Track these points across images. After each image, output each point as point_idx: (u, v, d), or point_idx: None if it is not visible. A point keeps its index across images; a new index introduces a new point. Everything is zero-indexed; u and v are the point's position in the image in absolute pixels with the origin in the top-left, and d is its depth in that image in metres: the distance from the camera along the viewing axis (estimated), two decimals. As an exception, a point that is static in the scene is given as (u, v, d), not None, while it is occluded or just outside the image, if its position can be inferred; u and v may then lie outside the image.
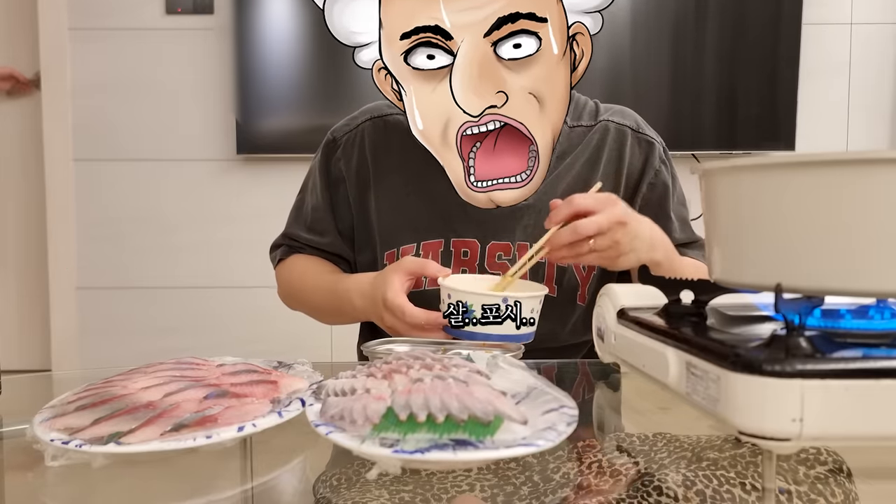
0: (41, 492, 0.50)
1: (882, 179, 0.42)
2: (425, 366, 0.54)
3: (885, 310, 0.49)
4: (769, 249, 0.47)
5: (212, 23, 2.34)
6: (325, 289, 0.96)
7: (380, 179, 0.99)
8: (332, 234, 1.01)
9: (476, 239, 0.95)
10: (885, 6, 2.37)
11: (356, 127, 1.01)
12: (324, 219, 1.01)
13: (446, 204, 0.94)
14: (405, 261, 0.84)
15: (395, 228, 0.97)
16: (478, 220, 0.94)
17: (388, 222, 0.98)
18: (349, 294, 0.91)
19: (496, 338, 0.78)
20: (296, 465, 0.53)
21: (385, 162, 0.99)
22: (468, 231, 0.95)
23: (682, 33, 2.26)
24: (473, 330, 0.79)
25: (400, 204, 0.97)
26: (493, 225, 0.95)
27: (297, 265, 1.03)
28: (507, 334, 0.79)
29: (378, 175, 0.99)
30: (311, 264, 1.02)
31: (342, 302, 0.92)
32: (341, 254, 1.02)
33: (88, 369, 2.24)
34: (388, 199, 0.98)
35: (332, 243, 1.02)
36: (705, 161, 0.54)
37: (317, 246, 1.02)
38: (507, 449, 0.44)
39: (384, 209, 0.98)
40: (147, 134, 2.39)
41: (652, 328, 0.56)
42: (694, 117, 2.30)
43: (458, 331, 0.79)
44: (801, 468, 0.49)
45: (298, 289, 1.02)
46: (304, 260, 1.03)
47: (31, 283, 2.59)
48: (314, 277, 0.99)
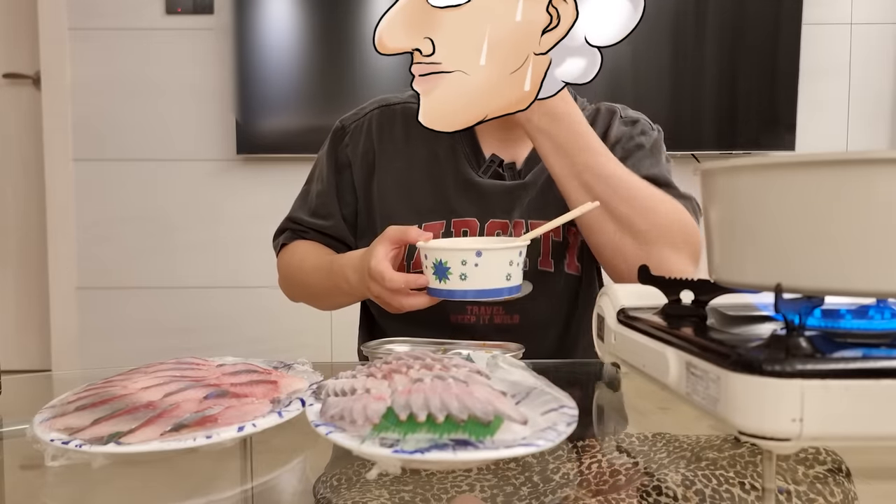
0: (41, 492, 0.50)
1: (882, 179, 0.42)
2: (425, 366, 0.54)
3: (885, 310, 0.49)
4: (769, 249, 0.47)
5: (212, 23, 2.34)
6: (324, 269, 0.97)
7: (384, 164, 1.01)
8: (336, 218, 1.03)
9: (475, 218, 0.97)
10: (885, 6, 2.37)
11: (364, 115, 1.04)
12: (328, 203, 1.03)
13: (448, 186, 0.98)
14: (388, 230, 0.84)
15: (397, 211, 0.99)
16: (478, 198, 0.97)
17: (390, 204, 1.00)
18: (344, 270, 0.92)
19: (474, 293, 0.77)
20: (296, 465, 0.53)
21: (390, 147, 1.01)
22: (468, 211, 0.97)
23: (682, 33, 2.26)
24: (453, 287, 0.77)
25: (403, 187, 1.00)
26: (491, 204, 0.97)
27: (299, 249, 1.04)
28: (487, 288, 0.77)
29: (383, 159, 1.01)
30: (313, 248, 1.04)
31: (338, 279, 0.93)
32: (343, 238, 1.04)
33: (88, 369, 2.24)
34: (391, 182, 1.00)
35: (335, 226, 1.03)
36: (705, 161, 0.54)
37: (320, 230, 1.04)
38: (507, 449, 0.44)
39: (387, 192, 1.00)
40: (147, 134, 2.39)
41: (652, 328, 0.56)
42: (694, 117, 2.30)
43: (438, 291, 0.78)
44: (800, 468, 0.49)
45: (298, 272, 1.03)
46: (306, 244, 1.04)
47: (31, 283, 2.59)
48: (314, 259, 1.01)
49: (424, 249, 0.79)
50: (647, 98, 2.26)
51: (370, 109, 1.04)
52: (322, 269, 0.98)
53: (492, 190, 0.96)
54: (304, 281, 1.02)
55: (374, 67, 2.23)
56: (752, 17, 2.26)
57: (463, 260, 0.75)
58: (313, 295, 1.04)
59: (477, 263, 0.75)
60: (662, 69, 2.27)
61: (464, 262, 0.75)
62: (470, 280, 0.76)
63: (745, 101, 2.30)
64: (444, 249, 0.77)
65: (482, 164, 0.99)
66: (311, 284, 1.01)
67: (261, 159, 2.36)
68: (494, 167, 0.98)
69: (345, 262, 0.92)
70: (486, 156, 0.99)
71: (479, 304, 0.97)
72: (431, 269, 0.77)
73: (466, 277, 0.76)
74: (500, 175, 0.98)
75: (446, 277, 0.76)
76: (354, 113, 1.05)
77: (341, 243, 1.04)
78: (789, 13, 2.26)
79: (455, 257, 0.76)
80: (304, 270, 1.01)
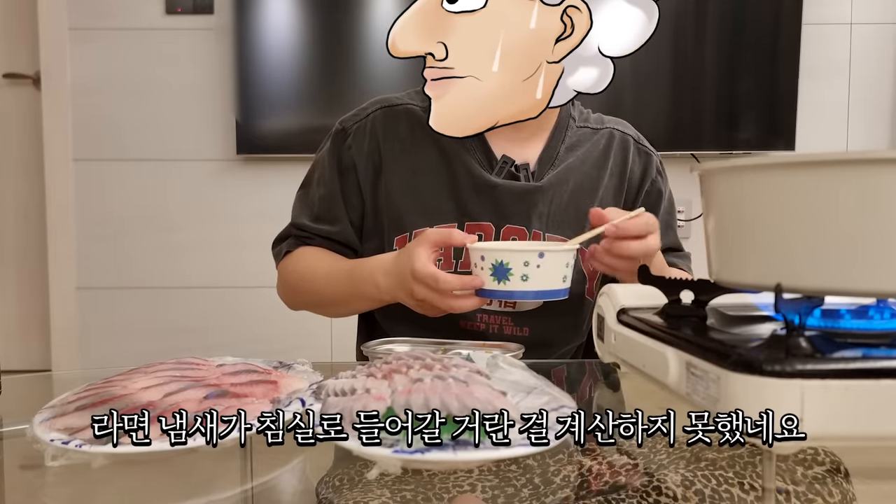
0: (41, 492, 0.50)
1: (882, 179, 0.42)
2: (425, 366, 0.54)
3: (885, 310, 0.49)
4: (769, 249, 0.47)
5: (212, 23, 2.34)
6: (342, 275, 0.94)
7: (391, 165, 0.98)
8: (343, 223, 1.00)
9: (491, 222, 0.95)
10: (885, 6, 2.36)
11: (366, 116, 1.01)
12: (334, 207, 1.00)
13: (459, 188, 0.95)
14: (428, 232, 0.82)
15: (406, 212, 0.96)
16: (492, 200, 0.95)
17: (399, 206, 0.97)
18: (373, 275, 0.89)
19: (534, 295, 0.78)
20: (296, 466, 0.53)
21: (396, 148, 0.99)
22: (482, 214, 0.95)
23: (682, 33, 2.26)
24: (513, 288, 0.77)
25: (411, 188, 0.97)
26: (507, 207, 0.95)
27: (307, 255, 1.00)
28: (548, 289, 0.78)
29: (389, 160, 0.98)
30: (323, 254, 1.00)
31: (364, 285, 0.90)
32: (350, 243, 1.01)
33: (88, 369, 2.24)
34: (399, 183, 0.98)
35: (343, 232, 1.00)
36: (705, 161, 0.54)
37: (326, 235, 1.00)
38: (508, 449, 0.44)
39: (395, 193, 0.97)
40: (147, 134, 2.39)
41: (652, 328, 0.56)
42: (694, 117, 2.30)
43: (495, 292, 0.78)
44: (799, 468, 0.49)
45: (308, 279, 0.99)
46: (314, 251, 1.00)
47: (31, 282, 2.59)
48: (328, 265, 0.97)
49: (481, 251, 0.78)
50: (648, 98, 2.26)
51: (372, 110, 1.01)
52: (340, 275, 0.95)
53: (507, 191, 0.94)
54: (314, 288, 0.99)
55: (374, 68, 2.23)
56: (752, 17, 2.26)
57: (526, 261, 0.76)
58: (325, 302, 1.01)
59: (539, 265, 0.76)
60: (662, 69, 2.27)
61: (526, 264, 0.76)
62: (531, 281, 0.76)
63: (745, 101, 2.30)
64: (506, 251, 0.77)
65: (494, 165, 0.96)
66: (324, 292, 0.98)
67: (261, 159, 2.36)
68: (508, 168, 0.96)
69: (373, 267, 0.90)
70: (498, 156, 0.96)
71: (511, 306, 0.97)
72: (490, 270, 0.77)
73: (528, 279, 0.76)
74: (514, 176, 0.96)
75: (506, 279, 0.77)
76: (355, 114, 1.02)
77: (348, 248, 1.01)
78: (789, 13, 2.25)
79: (518, 258, 0.76)
80: (316, 277, 0.98)
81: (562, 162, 0.97)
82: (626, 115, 1.09)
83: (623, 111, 1.19)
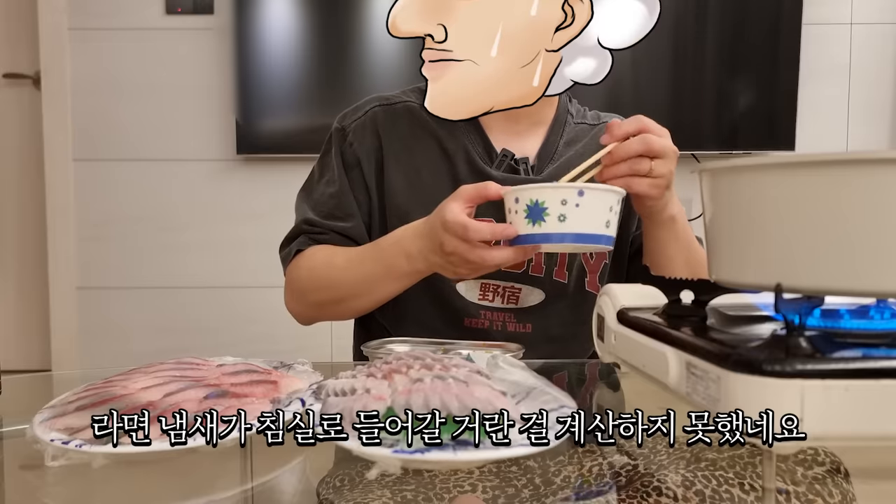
0: (41, 492, 0.50)
1: (882, 179, 0.42)
2: (425, 366, 0.54)
3: (885, 310, 0.49)
4: (769, 249, 0.47)
5: (212, 23, 2.34)
6: (365, 257, 0.91)
7: (393, 160, 0.98)
8: (356, 219, 0.98)
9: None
10: (885, 6, 2.36)
11: (365, 113, 1.00)
12: (346, 204, 0.98)
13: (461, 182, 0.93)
14: (460, 189, 0.79)
15: (410, 207, 0.95)
16: None
17: (403, 202, 0.97)
18: (402, 242, 0.86)
19: (573, 237, 0.70)
20: (296, 466, 0.53)
21: (397, 144, 0.98)
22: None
23: (682, 33, 2.26)
24: (549, 230, 0.70)
25: (414, 184, 0.97)
26: None
27: (320, 251, 0.96)
28: (587, 233, 0.70)
29: (391, 156, 0.98)
30: (337, 248, 0.96)
31: (391, 257, 0.87)
32: (362, 240, 0.98)
33: (88, 369, 2.24)
34: (402, 179, 0.97)
35: (356, 227, 0.98)
36: (705, 161, 0.54)
37: (340, 231, 0.97)
38: (508, 449, 0.44)
39: (399, 189, 0.97)
40: (147, 134, 2.39)
41: (652, 328, 0.56)
42: (694, 117, 2.30)
43: (531, 236, 0.71)
44: (799, 469, 0.49)
45: (324, 274, 0.95)
46: (327, 247, 0.97)
47: (31, 283, 2.59)
48: (345, 254, 0.94)
49: (515, 192, 0.72)
50: (648, 98, 2.26)
51: (370, 107, 1.00)
52: (363, 258, 0.91)
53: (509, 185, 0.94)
54: (332, 283, 0.94)
55: (374, 67, 2.23)
56: (751, 17, 2.26)
57: (563, 199, 0.69)
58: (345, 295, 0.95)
59: (578, 203, 0.69)
60: (663, 69, 2.27)
61: (564, 202, 0.69)
62: (569, 222, 0.69)
63: (745, 101, 2.30)
64: (542, 188, 0.70)
65: (494, 158, 0.96)
66: (344, 283, 0.93)
67: (261, 159, 2.36)
68: (508, 161, 0.96)
69: (401, 236, 0.87)
70: (497, 150, 0.97)
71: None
72: (524, 212, 0.71)
73: (565, 219, 0.69)
74: (514, 170, 0.96)
75: (542, 219, 0.70)
76: (353, 111, 1.01)
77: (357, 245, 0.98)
78: (789, 13, 2.25)
79: (555, 196, 0.69)
80: (333, 269, 0.94)
81: (561, 156, 0.98)
82: (626, 114, 1.08)
83: (623, 111, 1.19)
